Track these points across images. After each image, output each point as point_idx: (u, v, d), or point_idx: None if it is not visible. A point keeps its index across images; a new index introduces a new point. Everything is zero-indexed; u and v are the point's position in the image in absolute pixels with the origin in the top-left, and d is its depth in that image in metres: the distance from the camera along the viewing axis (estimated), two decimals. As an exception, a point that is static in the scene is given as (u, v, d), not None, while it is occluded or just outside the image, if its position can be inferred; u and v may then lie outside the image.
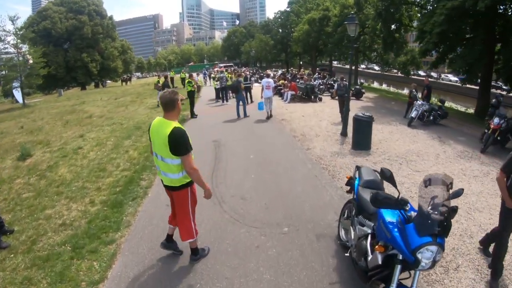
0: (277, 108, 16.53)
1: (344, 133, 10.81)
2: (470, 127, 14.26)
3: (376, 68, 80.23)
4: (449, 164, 8.32)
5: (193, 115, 14.90)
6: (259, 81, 33.42)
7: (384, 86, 53.90)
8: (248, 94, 19.07)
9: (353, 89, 21.65)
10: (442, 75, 60.24)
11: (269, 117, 14.05)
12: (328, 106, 17.42)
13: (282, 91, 20.52)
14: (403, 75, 64.63)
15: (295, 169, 7.58)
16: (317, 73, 27.64)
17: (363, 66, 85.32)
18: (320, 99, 19.45)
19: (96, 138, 12.20)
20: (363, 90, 21.88)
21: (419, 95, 14.93)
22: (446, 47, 18.37)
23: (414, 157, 8.82)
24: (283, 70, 43.03)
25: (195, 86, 14.84)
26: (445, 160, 8.65)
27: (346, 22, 10.14)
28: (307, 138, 10.52)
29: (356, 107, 17.56)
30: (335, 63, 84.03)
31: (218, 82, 19.81)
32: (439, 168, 7.96)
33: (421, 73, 62.40)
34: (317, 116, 14.46)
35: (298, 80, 23.24)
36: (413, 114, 13.38)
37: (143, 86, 40.12)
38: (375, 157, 8.72)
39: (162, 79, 20.61)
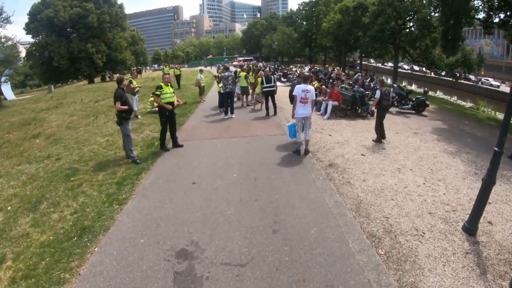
0: (314, 129, 10.62)
1: (471, 230, 4.82)
2: None
3: (406, 67, 72.64)
4: None
5: (175, 144, 9.04)
6: (282, 79, 27.28)
7: (413, 87, 46.87)
8: (271, 101, 13.30)
9: (413, 99, 15.44)
10: (482, 79, 52.83)
11: (304, 152, 8.19)
12: (390, 128, 11.40)
13: (319, 99, 14.28)
14: (436, 76, 57.89)
15: None
16: (358, 73, 21.00)
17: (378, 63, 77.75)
18: (372, 114, 13.32)
19: (-12, 199, 6.64)
20: (428, 102, 15.57)
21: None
22: None
23: None
24: (314, 66, 36.59)
25: (177, 102, 8.94)
26: None
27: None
28: (402, 248, 4.37)
29: (424, 130, 11.58)
30: (372, 61, 76.78)
31: (222, 84, 13.00)
32: None
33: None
34: (386, 154, 8.39)
35: (333, 82, 17.00)
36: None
37: (149, 81, 34.53)
38: None
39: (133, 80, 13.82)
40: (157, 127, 11.66)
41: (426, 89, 17.40)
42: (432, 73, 68.18)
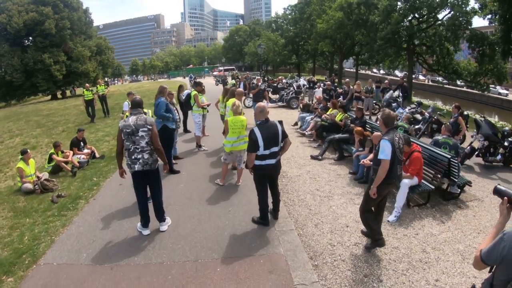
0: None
1: None
2: None
3: (398, 74, 66.70)
4: None
5: None
6: (272, 97, 20.64)
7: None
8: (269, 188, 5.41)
9: (506, 144, 9.02)
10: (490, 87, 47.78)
11: None
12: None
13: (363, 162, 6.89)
14: (435, 84, 52.57)
15: None
16: (390, 91, 13.96)
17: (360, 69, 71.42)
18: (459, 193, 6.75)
19: None
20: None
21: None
22: None
23: None
24: (321, 79, 30.10)
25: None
26: None
27: None
28: None
29: None
30: (378, 71, 69.41)
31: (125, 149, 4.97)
32: None
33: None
34: None
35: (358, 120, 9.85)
36: None
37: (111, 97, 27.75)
38: None
39: None
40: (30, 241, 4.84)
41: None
42: (430, 80, 63.38)
